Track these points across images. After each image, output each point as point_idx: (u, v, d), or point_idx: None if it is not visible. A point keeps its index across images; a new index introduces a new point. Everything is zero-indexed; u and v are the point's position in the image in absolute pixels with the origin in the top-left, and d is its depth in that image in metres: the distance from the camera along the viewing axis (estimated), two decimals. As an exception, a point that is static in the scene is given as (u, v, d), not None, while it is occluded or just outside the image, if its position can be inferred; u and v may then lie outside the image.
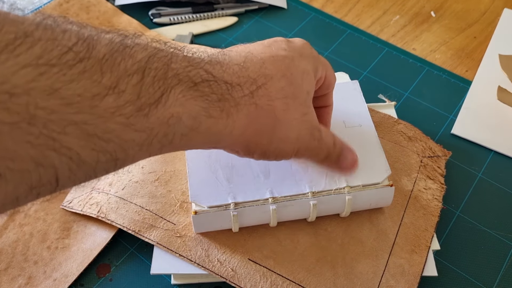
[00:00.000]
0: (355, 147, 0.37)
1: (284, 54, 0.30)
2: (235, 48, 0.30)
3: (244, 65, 0.28)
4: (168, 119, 0.23)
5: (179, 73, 0.24)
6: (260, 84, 0.28)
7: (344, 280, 0.35)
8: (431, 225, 0.38)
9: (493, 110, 0.49)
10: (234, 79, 0.26)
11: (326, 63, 0.34)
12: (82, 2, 0.55)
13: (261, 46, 0.30)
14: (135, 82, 0.21)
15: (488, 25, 0.59)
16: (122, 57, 0.21)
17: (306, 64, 0.31)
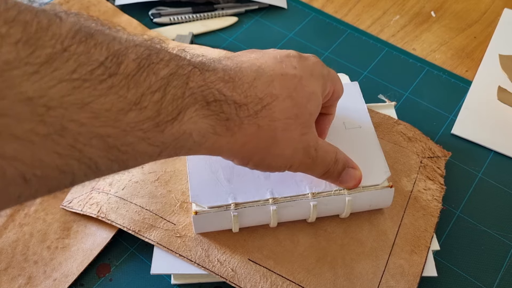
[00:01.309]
0: (355, 149, 0.38)
1: (294, 73, 0.30)
2: (247, 56, 0.30)
3: (253, 83, 0.28)
4: (181, 135, 0.24)
5: (195, 92, 0.25)
6: (265, 103, 0.28)
7: (344, 281, 0.35)
8: (431, 226, 0.38)
9: (493, 110, 0.49)
10: (242, 99, 0.27)
11: (335, 78, 0.35)
12: (82, 2, 0.55)
13: (273, 60, 0.30)
14: (156, 99, 0.22)
15: (488, 25, 0.59)
16: (147, 74, 0.22)
17: (314, 85, 0.31)
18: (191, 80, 0.24)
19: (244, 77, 0.28)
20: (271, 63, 0.30)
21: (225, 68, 0.27)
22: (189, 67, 0.25)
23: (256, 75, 0.29)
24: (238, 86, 0.27)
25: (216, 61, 0.28)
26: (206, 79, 0.26)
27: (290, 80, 0.30)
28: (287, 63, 0.30)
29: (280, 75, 0.29)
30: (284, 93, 0.29)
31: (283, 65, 0.30)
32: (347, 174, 0.34)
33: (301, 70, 0.31)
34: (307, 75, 0.31)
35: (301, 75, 0.30)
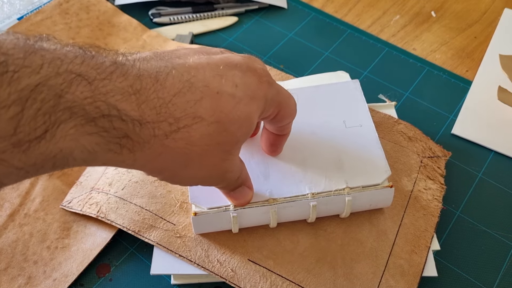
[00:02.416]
0: (355, 148, 0.37)
1: (232, 93, 0.26)
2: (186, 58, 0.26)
3: (172, 100, 0.24)
4: (56, 154, 0.21)
5: (73, 106, 0.20)
6: (182, 125, 0.24)
7: (343, 281, 0.35)
8: (431, 226, 0.38)
9: (494, 110, 0.49)
10: (147, 117, 0.23)
11: (283, 101, 0.31)
12: (82, 1, 0.55)
13: (212, 71, 0.26)
14: (11, 115, 0.19)
15: (489, 25, 0.59)
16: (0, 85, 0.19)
17: (252, 109, 0.27)
18: (70, 92, 0.20)
19: (164, 89, 0.23)
20: (209, 74, 0.26)
21: (141, 74, 0.23)
22: (71, 75, 0.20)
23: (182, 88, 0.24)
24: (149, 100, 0.23)
25: (141, 61, 0.24)
26: (96, 89, 0.21)
27: (225, 101, 0.25)
28: (228, 78, 0.26)
29: (214, 94, 0.25)
30: (213, 116, 0.25)
31: (222, 80, 0.26)
32: (241, 191, 0.32)
33: (243, 89, 0.27)
34: (247, 97, 0.27)
35: (240, 97, 0.26)
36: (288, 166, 0.36)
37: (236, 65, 0.27)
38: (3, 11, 0.55)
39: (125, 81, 0.22)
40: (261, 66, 0.29)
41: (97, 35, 0.54)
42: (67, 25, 0.53)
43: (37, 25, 0.53)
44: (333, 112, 0.40)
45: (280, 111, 0.31)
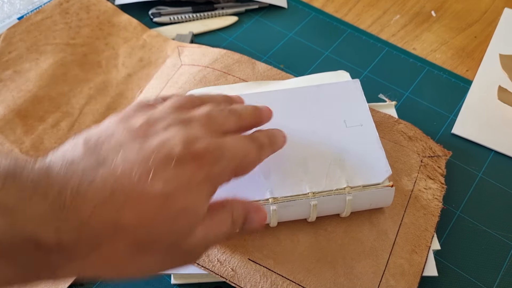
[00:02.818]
0: (355, 147, 0.38)
1: (159, 191, 0.23)
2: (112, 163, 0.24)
3: (93, 215, 0.22)
4: None
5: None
6: (103, 241, 0.22)
7: (344, 280, 0.35)
8: (431, 225, 0.38)
9: (494, 110, 0.49)
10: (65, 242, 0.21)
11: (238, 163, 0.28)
12: (82, 1, 0.55)
13: (143, 166, 0.24)
14: None
15: (489, 25, 0.59)
16: None
17: (190, 199, 0.25)
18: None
19: (85, 203, 0.22)
20: (137, 173, 0.23)
21: (61, 188, 0.21)
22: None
23: (103, 198, 0.22)
24: (68, 220, 0.21)
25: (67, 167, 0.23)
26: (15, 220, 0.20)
27: (150, 201, 0.23)
28: (157, 173, 0.24)
29: (139, 196, 0.23)
30: (136, 223, 0.23)
31: (148, 180, 0.23)
32: (250, 222, 0.29)
33: (174, 182, 0.24)
34: (180, 189, 0.24)
35: (169, 192, 0.24)
36: (288, 165, 0.36)
37: (169, 154, 0.25)
38: (3, 10, 0.55)
39: (45, 203, 0.21)
40: (203, 145, 0.26)
41: (97, 35, 0.54)
42: (67, 25, 0.53)
43: (37, 24, 0.53)
44: (333, 112, 0.40)
45: (238, 172, 0.29)
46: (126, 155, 0.24)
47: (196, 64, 0.49)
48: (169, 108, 0.29)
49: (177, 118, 0.28)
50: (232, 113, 0.31)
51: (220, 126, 0.30)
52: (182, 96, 0.32)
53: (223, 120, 0.30)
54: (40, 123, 0.46)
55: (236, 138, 0.29)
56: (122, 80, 0.51)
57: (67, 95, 0.49)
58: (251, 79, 0.47)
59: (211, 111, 0.30)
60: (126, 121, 0.27)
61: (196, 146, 0.26)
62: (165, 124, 0.27)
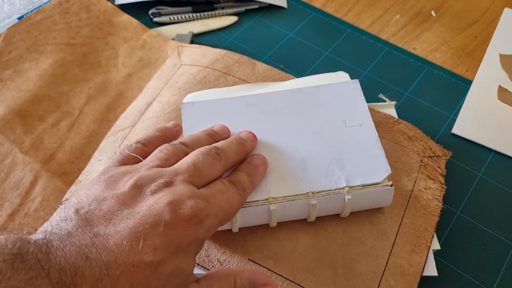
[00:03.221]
0: (355, 147, 0.38)
1: (149, 261, 0.25)
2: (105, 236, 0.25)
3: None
4: None
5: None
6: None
7: (344, 280, 0.35)
8: (431, 225, 0.38)
9: (494, 110, 0.49)
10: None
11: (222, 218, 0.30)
12: (82, 1, 0.55)
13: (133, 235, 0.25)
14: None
15: (489, 25, 0.59)
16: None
17: (179, 260, 0.26)
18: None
19: (82, 284, 0.23)
20: (128, 243, 0.25)
21: (61, 268, 0.23)
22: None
23: (99, 275, 0.23)
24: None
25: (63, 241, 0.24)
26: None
27: (141, 272, 0.24)
28: (147, 241, 0.25)
29: (131, 267, 0.24)
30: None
31: (138, 247, 0.25)
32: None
33: (163, 250, 0.25)
34: (169, 254, 0.26)
35: (159, 260, 0.25)
36: (288, 165, 0.36)
37: (158, 220, 0.26)
38: (3, 10, 0.55)
39: (48, 285, 0.22)
40: (189, 206, 0.27)
41: (97, 35, 0.54)
42: (67, 25, 0.53)
43: (37, 24, 0.53)
44: (333, 112, 0.40)
45: (223, 222, 0.30)
46: (116, 225, 0.25)
47: (196, 64, 0.49)
48: (153, 164, 0.30)
49: (162, 180, 0.29)
50: (217, 159, 0.32)
51: (206, 176, 0.31)
52: (165, 147, 0.32)
53: (208, 170, 0.31)
54: (40, 122, 0.46)
55: (221, 188, 0.31)
56: (122, 80, 0.51)
57: (67, 95, 0.49)
58: (251, 79, 0.47)
59: (196, 162, 0.31)
60: (113, 186, 0.28)
61: (183, 209, 0.27)
62: (152, 187, 0.28)
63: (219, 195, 0.30)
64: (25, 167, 0.43)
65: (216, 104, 0.40)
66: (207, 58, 0.49)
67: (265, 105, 0.40)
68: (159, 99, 0.46)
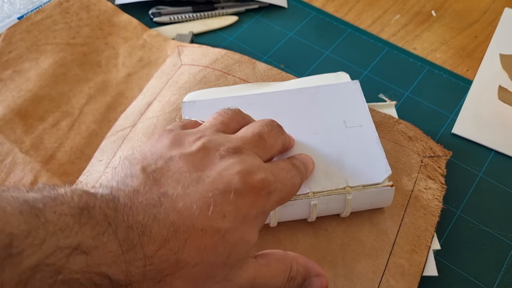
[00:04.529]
0: (355, 147, 0.38)
1: (218, 227, 0.24)
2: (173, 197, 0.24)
3: (157, 253, 0.22)
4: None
5: (70, 280, 0.20)
6: (166, 274, 0.23)
7: (344, 280, 0.35)
8: (432, 225, 0.38)
9: (494, 110, 0.49)
10: (133, 278, 0.22)
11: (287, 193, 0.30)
12: (82, 1, 0.55)
13: (203, 200, 0.24)
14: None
15: (489, 25, 0.59)
16: (2, 270, 0.18)
17: (244, 232, 0.26)
18: (67, 267, 0.20)
19: (150, 241, 0.22)
20: (197, 208, 0.24)
21: (129, 225, 0.22)
22: (69, 249, 0.20)
23: (167, 235, 0.23)
24: (135, 259, 0.22)
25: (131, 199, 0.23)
26: (91, 260, 0.20)
27: (209, 237, 0.24)
28: (217, 207, 0.24)
29: (199, 232, 0.23)
30: (196, 258, 0.23)
31: (208, 213, 0.24)
32: (310, 283, 0.29)
33: (232, 218, 0.25)
34: (237, 223, 0.25)
35: (227, 228, 0.24)
36: (288, 165, 0.36)
37: (228, 187, 0.25)
38: (3, 10, 0.55)
39: (115, 242, 0.21)
40: (260, 176, 0.27)
41: (97, 35, 0.54)
42: (67, 25, 0.53)
43: (37, 24, 0.53)
44: (333, 112, 0.40)
45: (284, 201, 0.30)
46: (185, 188, 0.25)
47: (196, 64, 0.49)
48: (215, 128, 0.30)
49: (230, 145, 0.28)
50: (280, 132, 0.32)
51: (269, 148, 0.30)
52: (225, 111, 0.32)
53: (273, 142, 0.31)
54: (40, 122, 0.46)
55: (285, 167, 0.30)
56: (122, 80, 0.51)
57: (67, 94, 0.49)
58: (252, 79, 0.47)
59: (261, 132, 0.30)
60: (179, 145, 0.27)
61: (253, 178, 0.26)
62: (221, 152, 0.27)
63: (284, 173, 0.30)
64: (25, 167, 0.43)
65: (217, 103, 0.40)
66: (207, 57, 0.49)
67: (266, 105, 0.40)
68: (160, 99, 0.46)
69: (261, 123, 0.31)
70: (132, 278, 0.22)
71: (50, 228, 0.20)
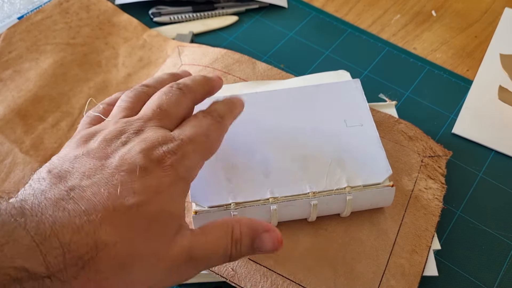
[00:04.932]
0: (356, 147, 0.37)
1: (130, 204, 0.24)
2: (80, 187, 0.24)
3: (73, 239, 0.22)
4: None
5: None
6: (88, 258, 0.22)
7: (344, 280, 0.35)
8: (432, 225, 0.38)
9: (494, 110, 0.49)
10: (53, 267, 0.21)
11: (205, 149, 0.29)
12: (82, 1, 0.55)
13: (109, 184, 0.24)
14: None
15: (489, 25, 0.59)
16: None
17: (163, 202, 0.25)
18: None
19: (64, 230, 0.22)
20: (105, 192, 0.24)
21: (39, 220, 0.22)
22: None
23: (80, 222, 0.23)
24: (52, 248, 0.21)
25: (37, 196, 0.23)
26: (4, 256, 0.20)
27: (123, 215, 0.24)
28: (124, 187, 0.24)
29: (111, 211, 0.24)
30: (115, 236, 0.23)
31: (117, 193, 0.24)
32: (261, 241, 0.28)
33: (143, 192, 0.25)
34: (151, 195, 0.25)
35: (139, 201, 0.24)
36: (289, 164, 0.36)
37: (133, 166, 0.25)
38: (3, 10, 0.55)
39: (27, 237, 0.21)
40: (162, 149, 0.27)
41: (97, 35, 0.54)
42: (67, 25, 0.53)
43: (37, 24, 0.53)
44: (334, 111, 0.40)
45: (206, 155, 0.30)
46: (91, 177, 0.25)
47: (196, 63, 0.49)
48: (119, 116, 0.30)
49: (131, 129, 0.28)
50: (181, 95, 0.31)
51: (175, 115, 0.30)
52: (126, 95, 0.32)
53: (175, 109, 0.30)
54: (40, 122, 0.46)
55: (193, 124, 0.30)
56: (122, 80, 0.51)
57: (67, 94, 0.49)
58: (252, 78, 0.47)
59: (160, 104, 0.30)
60: (83, 144, 0.28)
61: (156, 152, 0.26)
62: (123, 139, 0.27)
63: (193, 130, 0.29)
64: (25, 167, 0.43)
65: (217, 103, 0.40)
66: (207, 57, 0.49)
67: (266, 104, 0.40)
68: (159, 99, 0.46)
69: (159, 94, 0.31)
70: (53, 268, 0.21)
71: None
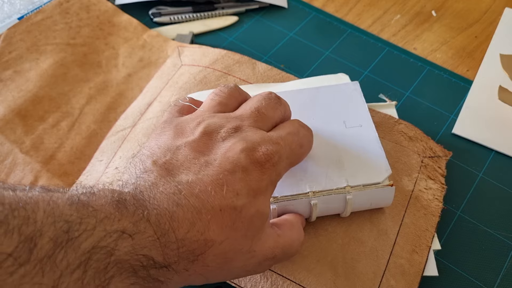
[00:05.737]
0: (355, 148, 0.37)
1: (234, 205, 0.26)
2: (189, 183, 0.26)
3: (187, 236, 0.24)
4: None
5: (121, 261, 0.22)
6: (198, 253, 0.25)
7: (344, 280, 0.35)
8: (432, 225, 0.38)
9: (494, 110, 0.49)
10: (170, 259, 0.24)
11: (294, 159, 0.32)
12: (83, 1, 0.55)
13: (216, 183, 0.26)
14: (76, 277, 0.20)
15: (489, 25, 0.59)
16: (65, 251, 0.20)
17: (259, 204, 0.27)
18: (117, 249, 0.22)
19: (179, 226, 0.24)
20: (213, 190, 0.26)
21: (158, 213, 0.24)
22: (117, 233, 0.22)
23: (192, 219, 0.25)
24: (169, 243, 0.24)
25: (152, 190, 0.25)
26: (135, 243, 0.23)
27: (228, 216, 0.26)
28: (229, 187, 0.26)
29: (218, 211, 0.26)
30: (221, 235, 0.26)
31: (223, 193, 0.26)
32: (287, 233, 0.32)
33: (245, 195, 0.27)
34: (250, 198, 0.27)
35: (242, 205, 0.26)
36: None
37: (235, 166, 0.27)
38: (3, 10, 0.55)
39: (150, 229, 0.24)
40: (262, 150, 0.28)
41: (98, 35, 0.54)
42: (67, 25, 0.53)
43: (37, 24, 0.53)
44: (333, 113, 0.40)
45: (294, 163, 0.32)
46: (197, 173, 0.26)
47: (197, 64, 0.49)
48: (214, 110, 0.31)
49: (230, 125, 0.29)
50: (278, 103, 0.33)
51: (270, 120, 0.31)
52: (221, 90, 0.33)
53: (272, 114, 0.32)
54: (40, 123, 0.46)
55: (290, 131, 0.32)
56: (122, 80, 0.51)
57: (67, 95, 0.49)
58: (252, 79, 0.47)
59: (259, 107, 0.31)
60: (182, 134, 0.29)
61: (257, 153, 0.28)
62: (222, 134, 0.29)
63: (290, 137, 0.31)
64: (25, 167, 0.43)
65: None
66: (208, 58, 0.49)
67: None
68: (160, 99, 0.46)
69: (259, 98, 0.32)
70: (169, 259, 0.24)
71: (98, 216, 0.22)
